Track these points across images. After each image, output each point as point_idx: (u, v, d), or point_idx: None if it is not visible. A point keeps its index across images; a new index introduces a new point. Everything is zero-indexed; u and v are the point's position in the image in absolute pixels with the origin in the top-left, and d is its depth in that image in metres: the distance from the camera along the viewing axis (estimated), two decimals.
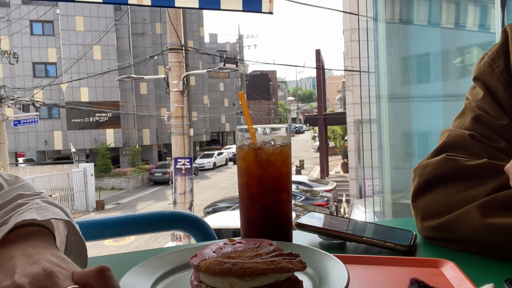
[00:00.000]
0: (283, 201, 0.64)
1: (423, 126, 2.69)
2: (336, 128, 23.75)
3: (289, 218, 0.66)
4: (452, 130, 0.71)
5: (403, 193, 2.76)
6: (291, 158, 0.66)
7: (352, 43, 13.24)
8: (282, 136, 0.64)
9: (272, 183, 0.63)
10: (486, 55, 0.73)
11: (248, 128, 0.64)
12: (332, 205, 13.31)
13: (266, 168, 0.63)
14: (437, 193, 0.66)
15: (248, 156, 0.63)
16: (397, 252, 0.63)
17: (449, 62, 2.43)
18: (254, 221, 0.64)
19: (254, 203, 0.63)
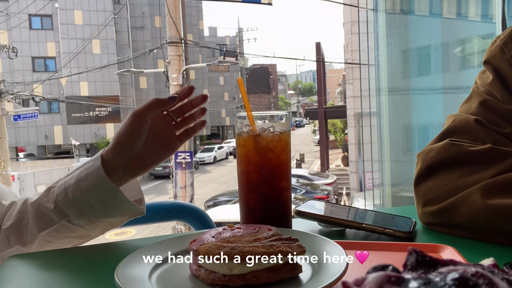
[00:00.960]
0: (282, 188, 0.64)
1: (424, 118, 2.69)
2: (336, 122, 23.73)
3: (289, 205, 0.66)
4: (458, 115, 0.71)
5: (403, 186, 2.76)
6: (290, 145, 0.66)
7: (352, 35, 13.17)
8: (282, 123, 0.64)
9: (272, 170, 0.63)
10: (498, 38, 0.72)
11: (247, 115, 0.63)
12: (332, 198, 13.35)
13: (265, 155, 0.62)
14: (439, 178, 0.65)
15: (247, 143, 0.63)
16: (397, 238, 0.63)
17: (449, 54, 2.41)
18: (253, 209, 0.64)
19: (253, 190, 0.63)
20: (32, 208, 0.66)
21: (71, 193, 0.63)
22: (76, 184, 0.63)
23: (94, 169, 0.63)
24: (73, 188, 0.63)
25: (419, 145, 2.71)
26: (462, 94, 2.55)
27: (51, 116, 23.84)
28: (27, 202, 0.68)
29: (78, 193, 0.63)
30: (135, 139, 0.62)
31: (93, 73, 21.19)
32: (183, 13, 9.43)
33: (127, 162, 0.64)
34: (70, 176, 0.66)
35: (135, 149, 0.63)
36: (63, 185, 0.65)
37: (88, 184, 0.63)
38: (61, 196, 0.64)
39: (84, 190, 0.63)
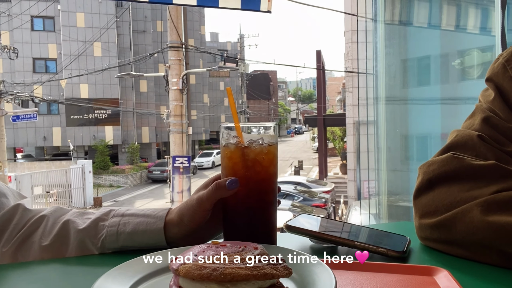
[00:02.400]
0: (269, 202, 0.62)
1: (421, 128, 2.67)
2: (335, 129, 23.75)
3: (274, 219, 0.64)
4: (461, 130, 0.70)
5: (399, 196, 2.74)
6: (277, 158, 0.64)
7: (353, 44, 13.23)
8: (270, 135, 0.62)
9: (259, 184, 0.61)
10: (501, 56, 0.71)
11: (235, 126, 0.61)
12: (330, 206, 13.30)
13: (253, 168, 0.60)
14: (439, 192, 0.64)
15: (234, 155, 0.61)
16: (390, 258, 0.61)
17: (448, 65, 2.41)
18: (238, 223, 0.62)
19: (239, 204, 0.61)
20: (76, 238, 0.65)
21: (122, 240, 0.64)
22: (131, 234, 0.64)
23: (155, 230, 0.63)
24: (126, 237, 0.64)
25: (416, 155, 2.70)
26: (460, 105, 2.55)
27: (50, 117, 23.81)
28: (69, 225, 0.67)
29: (129, 243, 0.64)
30: (197, 224, 0.63)
31: (93, 76, 21.21)
32: (184, 18, 9.47)
33: (187, 236, 0.65)
34: (125, 219, 0.65)
35: (196, 229, 0.64)
36: (115, 228, 0.64)
37: (144, 241, 0.64)
38: (111, 238, 0.64)
39: (137, 244, 0.64)
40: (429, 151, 2.62)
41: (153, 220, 0.64)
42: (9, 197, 0.73)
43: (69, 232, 0.66)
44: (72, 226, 0.66)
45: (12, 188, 0.77)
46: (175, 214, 0.64)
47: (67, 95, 22.67)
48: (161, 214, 0.65)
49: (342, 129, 22.13)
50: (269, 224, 0.62)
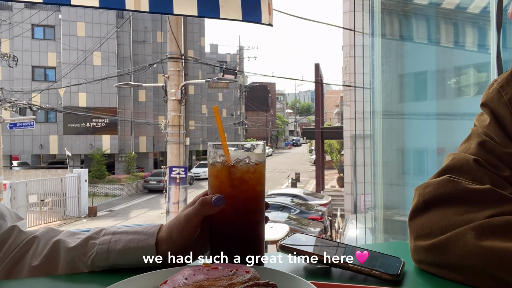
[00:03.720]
0: (256, 221, 0.62)
1: (417, 143, 2.69)
2: (333, 142, 23.81)
3: (261, 238, 0.63)
4: (457, 154, 0.70)
5: (395, 210, 2.73)
6: (265, 177, 0.64)
7: (350, 58, 13.36)
8: (257, 154, 0.62)
9: (246, 203, 0.61)
10: (495, 81, 0.72)
11: (222, 144, 0.61)
12: (326, 219, 13.24)
13: (240, 187, 0.60)
14: (434, 214, 0.64)
15: (221, 173, 0.61)
16: (384, 281, 0.60)
17: (444, 81, 2.43)
18: (225, 242, 0.61)
19: (226, 223, 0.61)
20: (66, 257, 0.64)
21: (113, 258, 0.63)
22: (122, 252, 0.63)
23: (146, 247, 0.63)
24: (117, 255, 0.63)
25: (412, 169, 2.71)
26: (456, 120, 2.57)
27: (47, 125, 23.77)
28: (59, 245, 0.66)
29: (120, 261, 0.63)
30: (186, 240, 0.63)
31: (92, 85, 21.29)
32: (184, 30, 9.55)
33: (177, 253, 0.64)
34: (116, 237, 0.65)
35: (185, 246, 0.64)
36: (106, 246, 0.64)
37: (135, 258, 0.63)
38: (101, 256, 0.63)
39: (128, 261, 0.63)
40: (425, 166, 2.63)
41: (144, 237, 0.63)
42: (6, 218, 0.72)
43: (59, 251, 0.65)
44: (63, 245, 0.65)
45: (10, 209, 0.77)
46: (164, 231, 0.64)
47: (65, 103, 22.67)
48: (152, 231, 0.64)
49: (339, 142, 22.19)
50: (256, 242, 0.62)
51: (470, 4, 2.23)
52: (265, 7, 1.99)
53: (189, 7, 2.01)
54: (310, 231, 11.09)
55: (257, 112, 49.74)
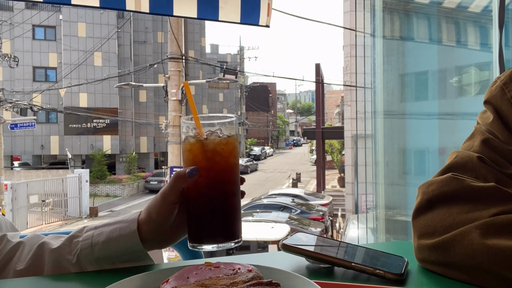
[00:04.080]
0: (231, 193, 0.62)
1: (419, 143, 2.68)
2: (333, 142, 23.80)
3: (237, 210, 0.63)
4: (460, 151, 0.69)
5: (397, 210, 2.73)
6: (238, 150, 0.64)
7: (351, 58, 13.35)
8: (229, 127, 0.62)
9: (219, 174, 0.61)
10: (498, 79, 0.72)
11: (193, 118, 0.61)
12: (327, 219, 13.23)
13: (213, 159, 0.60)
14: (438, 212, 0.63)
15: (194, 147, 0.61)
16: (387, 280, 0.59)
17: (446, 80, 2.43)
18: (201, 215, 0.61)
19: (201, 195, 0.61)
20: (51, 258, 0.64)
21: (97, 251, 0.62)
22: (106, 243, 0.62)
23: (129, 233, 0.62)
24: (101, 247, 0.62)
25: (414, 169, 2.70)
26: (458, 120, 2.56)
27: (48, 126, 23.79)
28: (44, 247, 0.65)
29: (105, 253, 0.62)
30: (165, 218, 0.62)
31: (93, 85, 21.30)
32: (185, 30, 9.55)
33: (159, 234, 0.64)
34: (98, 230, 0.64)
35: (166, 226, 0.63)
36: (89, 240, 0.63)
37: (119, 246, 0.62)
38: (86, 251, 0.62)
39: (113, 252, 0.62)
40: (427, 166, 2.62)
41: (126, 224, 0.63)
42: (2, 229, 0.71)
43: (43, 253, 0.64)
44: (47, 247, 0.65)
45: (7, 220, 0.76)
46: (144, 213, 0.63)
47: (66, 104, 22.70)
48: (133, 217, 0.64)
49: (340, 142, 22.17)
50: (232, 214, 0.62)
51: (472, 3, 2.22)
52: (265, 8, 1.99)
53: (188, 9, 2.01)
54: (311, 231, 11.09)
55: (258, 112, 49.73)
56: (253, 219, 11.58)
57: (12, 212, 13.99)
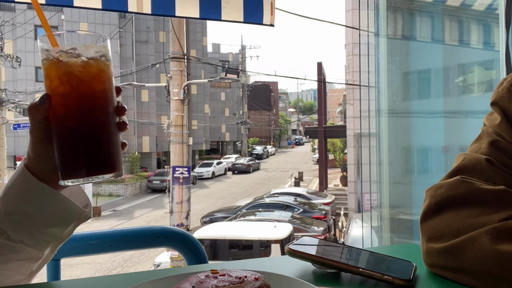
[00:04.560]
0: (96, 122, 0.56)
1: (423, 142, 2.67)
2: (336, 141, 23.77)
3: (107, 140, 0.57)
4: (468, 154, 0.68)
5: (401, 209, 2.72)
6: (107, 76, 0.58)
7: (354, 57, 13.32)
8: (92, 48, 0.56)
9: (79, 100, 0.55)
10: (505, 80, 0.70)
11: (47, 36, 0.55)
12: (330, 218, 13.21)
13: (69, 84, 0.54)
14: (446, 216, 0.62)
15: (49, 71, 0.55)
16: (396, 286, 0.58)
17: (451, 79, 2.41)
18: (65, 147, 0.56)
19: (61, 126, 0.55)
20: None
21: (2, 206, 0.59)
22: (5, 194, 0.60)
23: (18, 174, 0.60)
24: (3, 199, 0.59)
25: (419, 168, 2.69)
26: (463, 119, 2.54)
27: None
28: None
29: (9, 203, 0.59)
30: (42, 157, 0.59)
31: None
32: (186, 30, 9.55)
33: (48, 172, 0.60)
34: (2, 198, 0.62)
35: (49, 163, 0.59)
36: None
37: (16, 189, 0.59)
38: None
39: (15, 198, 0.59)
40: (432, 165, 2.61)
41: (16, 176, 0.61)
42: None
43: None
44: None
45: None
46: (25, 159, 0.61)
47: None
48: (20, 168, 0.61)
49: (342, 141, 22.14)
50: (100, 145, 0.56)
51: (475, 1, 2.20)
52: (268, 7, 1.98)
53: (191, 9, 2.00)
54: (313, 230, 11.07)
55: (260, 111, 49.74)
56: (256, 218, 11.58)
57: None
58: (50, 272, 0.96)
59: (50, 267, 0.95)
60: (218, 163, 30.89)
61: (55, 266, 0.96)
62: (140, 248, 1.09)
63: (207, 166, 29.40)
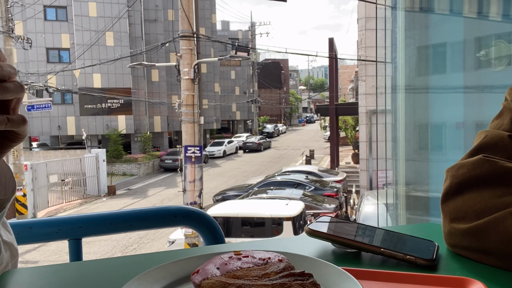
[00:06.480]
0: None
1: (441, 118, 2.61)
2: (347, 119, 23.53)
3: None
4: (489, 131, 0.65)
5: (418, 186, 2.69)
6: None
7: (366, 32, 12.97)
8: None
9: None
10: None
11: None
12: (341, 196, 13.25)
13: None
14: (468, 197, 0.60)
15: None
16: (418, 266, 0.58)
17: (471, 53, 2.33)
18: None
19: None
20: None
21: None
22: None
23: None
24: None
25: (436, 145, 2.65)
26: (484, 93, 2.47)
27: (64, 107, 24.14)
28: None
29: None
30: None
31: (106, 65, 21.36)
32: (196, 7, 9.39)
33: None
34: None
35: None
36: None
37: None
38: None
39: None
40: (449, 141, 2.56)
41: None
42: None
43: None
44: None
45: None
46: None
47: (80, 84, 22.90)
48: None
49: (354, 118, 21.90)
50: None
51: None
52: None
53: None
54: (325, 207, 11.14)
55: (270, 90, 49.32)
56: (267, 196, 11.68)
57: (33, 191, 14.43)
58: (72, 251, 0.98)
59: (72, 247, 0.98)
60: (229, 142, 30.99)
61: (76, 246, 0.98)
62: (158, 227, 1.11)
63: (218, 145, 29.54)
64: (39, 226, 0.97)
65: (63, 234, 0.98)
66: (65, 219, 0.99)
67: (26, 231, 0.95)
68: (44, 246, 11.11)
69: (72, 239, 0.98)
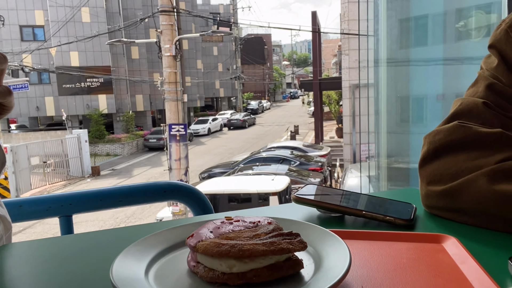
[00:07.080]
0: None
1: (422, 90, 2.65)
2: (331, 93, 23.62)
3: None
4: (465, 98, 0.69)
5: (398, 157, 2.77)
6: None
7: (349, 4, 12.86)
8: None
9: None
10: (503, 22, 0.69)
11: None
12: (326, 169, 13.48)
13: None
14: (444, 161, 0.64)
15: None
16: (397, 226, 0.62)
17: (451, 24, 2.35)
18: None
19: None
20: None
21: None
22: None
23: None
24: None
25: (416, 117, 2.70)
26: (463, 65, 2.52)
27: (41, 87, 23.40)
28: None
29: None
30: None
31: (83, 43, 20.62)
32: None
33: None
34: None
35: None
36: None
37: None
38: None
39: None
40: (430, 113, 2.62)
41: None
42: None
43: None
44: None
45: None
46: None
47: (57, 63, 22.15)
48: None
49: (338, 93, 22.00)
50: None
51: None
52: None
53: None
54: (310, 181, 11.34)
55: (254, 66, 48.79)
56: (253, 172, 11.79)
57: (15, 174, 14.16)
58: (63, 228, 0.99)
59: (63, 223, 0.99)
60: (214, 119, 30.81)
61: (67, 222, 0.99)
62: (148, 202, 1.13)
63: (203, 122, 29.35)
64: (29, 204, 0.97)
65: (54, 211, 0.98)
66: (55, 196, 1.00)
67: (16, 209, 0.95)
68: (30, 228, 11.04)
69: (62, 216, 0.99)
